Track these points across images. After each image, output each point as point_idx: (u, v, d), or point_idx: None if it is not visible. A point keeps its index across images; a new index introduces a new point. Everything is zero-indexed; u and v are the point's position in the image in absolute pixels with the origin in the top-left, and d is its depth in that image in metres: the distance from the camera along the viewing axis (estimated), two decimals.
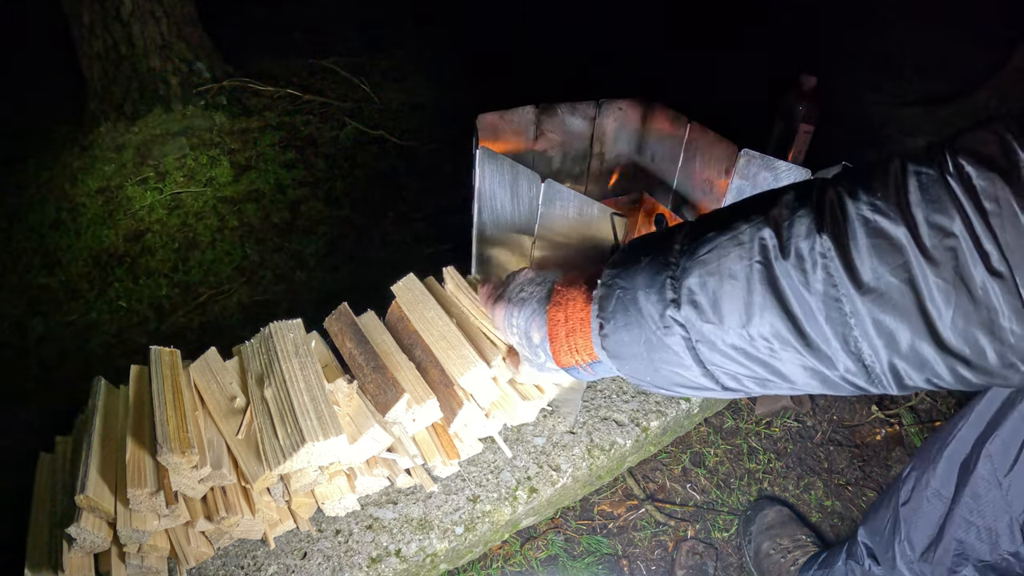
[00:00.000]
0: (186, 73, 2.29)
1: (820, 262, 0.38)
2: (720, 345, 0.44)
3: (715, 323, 0.43)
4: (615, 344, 0.50)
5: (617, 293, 0.50)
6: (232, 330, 1.50)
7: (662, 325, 0.46)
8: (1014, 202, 0.33)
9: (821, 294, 0.38)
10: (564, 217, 0.92)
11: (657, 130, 1.26)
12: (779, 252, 0.40)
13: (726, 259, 0.43)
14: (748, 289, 0.41)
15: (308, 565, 0.88)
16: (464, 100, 2.63)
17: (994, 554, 0.72)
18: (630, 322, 0.48)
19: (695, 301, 0.44)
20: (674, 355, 0.47)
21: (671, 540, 1.18)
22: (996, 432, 0.70)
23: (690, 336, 0.45)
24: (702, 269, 0.44)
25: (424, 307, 1.04)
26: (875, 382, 0.40)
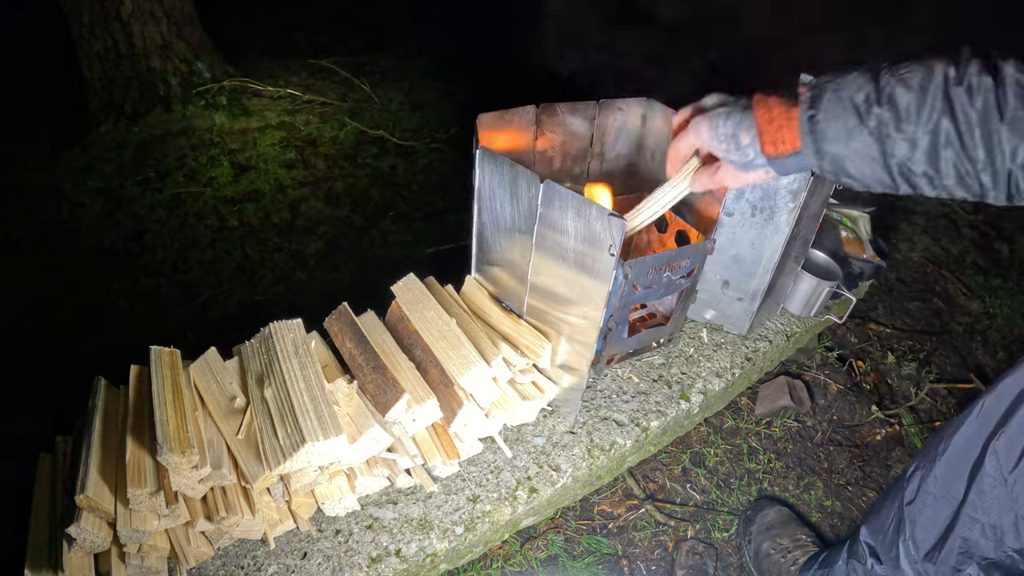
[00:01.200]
0: (186, 73, 2.29)
1: (982, 92, 0.58)
2: (903, 138, 0.62)
3: (904, 119, 0.61)
4: (822, 130, 0.66)
5: (830, 89, 0.66)
6: (232, 330, 1.50)
7: (865, 117, 0.63)
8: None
9: (979, 111, 0.58)
10: (563, 217, 0.92)
11: (657, 130, 1.26)
12: (956, 81, 0.59)
13: (920, 76, 0.61)
14: (932, 98, 0.60)
15: (308, 565, 0.88)
16: (464, 100, 2.63)
17: (999, 551, 0.72)
18: (838, 113, 0.65)
19: (894, 102, 0.62)
20: (867, 140, 0.64)
21: (671, 540, 1.18)
22: (1003, 430, 0.70)
23: (880, 128, 0.62)
24: (902, 80, 0.62)
25: (424, 307, 1.05)
26: (997, 184, 0.60)
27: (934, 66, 0.61)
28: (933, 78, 0.60)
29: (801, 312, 1.37)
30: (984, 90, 0.58)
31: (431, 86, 2.72)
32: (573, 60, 2.79)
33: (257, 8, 3.19)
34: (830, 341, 1.62)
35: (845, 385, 1.50)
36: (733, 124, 0.76)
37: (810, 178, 1.04)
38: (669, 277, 1.05)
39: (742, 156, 0.76)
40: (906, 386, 1.54)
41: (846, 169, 0.67)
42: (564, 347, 1.04)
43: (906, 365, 1.59)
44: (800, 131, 0.69)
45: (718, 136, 0.77)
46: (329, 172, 2.11)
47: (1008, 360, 1.69)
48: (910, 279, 1.94)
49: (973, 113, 0.58)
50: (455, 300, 1.15)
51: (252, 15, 3.12)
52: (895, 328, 1.73)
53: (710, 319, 1.32)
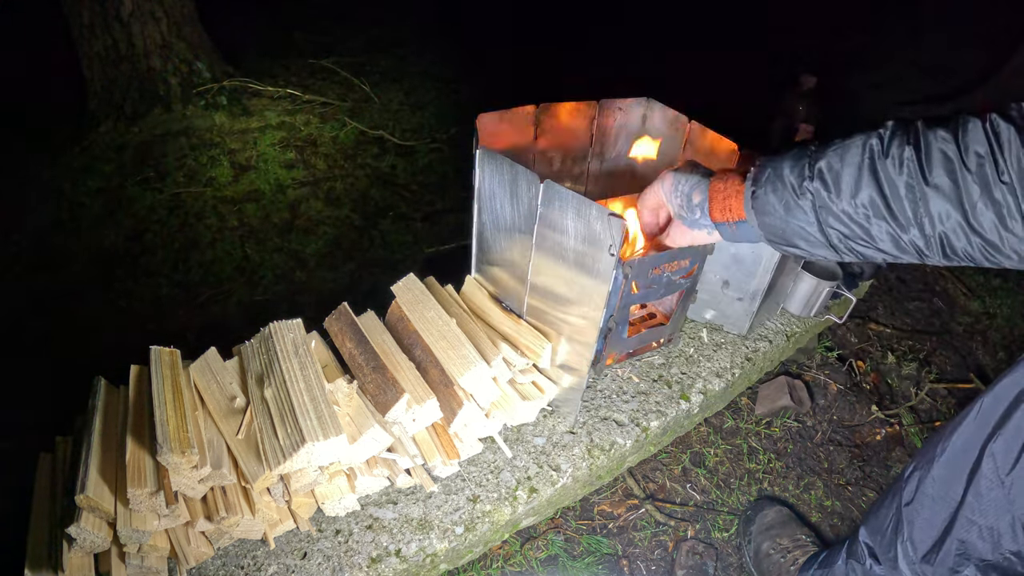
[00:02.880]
0: (186, 73, 2.29)
1: (906, 162, 0.61)
2: (835, 210, 0.66)
3: (834, 193, 0.65)
4: (762, 204, 0.72)
5: (769, 169, 0.72)
6: (232, 330, 1.50)
7: (799, 192, 0.68)
8: (1019, 140, 0.56)
9: (904, 181, 0.61)
10: (563, 217, 0.92)
11: (657, 130, 1.26)
12: (881, 152, 0.63)
13: (847, 153, 0.65)
14: (859, 172, 0.64)
15: (308, 565, 0.88)
16: (464, 100, 2.63)
17: (996, 553, 0.72)
18: (776, 188, 0.71)
19: (823, 177, 0.66)
20: (803, 214, 0.69)
21: (671, 540, 1.18)
22: (1000, 431, 0.70)
23: (814, 201, 0.67)
24: (830, 157, 0.66)
25: (424, 307, 1.05)
26: (930, 247, 0.63)
27: (860, 141, 0.65)
28: (860, 152, 0.64)
29: (801, 312, 1.37)
30: (908, 160, 0.61)
31: (431, 86, 2.72)
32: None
33: (257, 8, 3.18)
34: (830, 341, 1.62)
35: (845, 385, 1.50)
36: (690, 185, 0.83)
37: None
38: (669, 277, 1.05)
39: (691, 214, 0.83)
40: (906, 386, 1.54)
41: (789, 239, 0.73)
42: (564, 347, 1.04)
43: (906, 365, 1.59)
44: (744, 204, 0.75)
45: (676, 191, 0.85)
46: (329, 172, 2.11)
47: (1008, 360, 1.69)
48: (910, 279, 1.94)
49: (899, 183, 0.61)
50: (455, 300, 1.15)
51: (252, 15, 3.12)
52: (895, 328, 1.73)
53: (710, 319, 1.32)
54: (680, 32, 3.01)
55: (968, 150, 0.58)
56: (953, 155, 0.59)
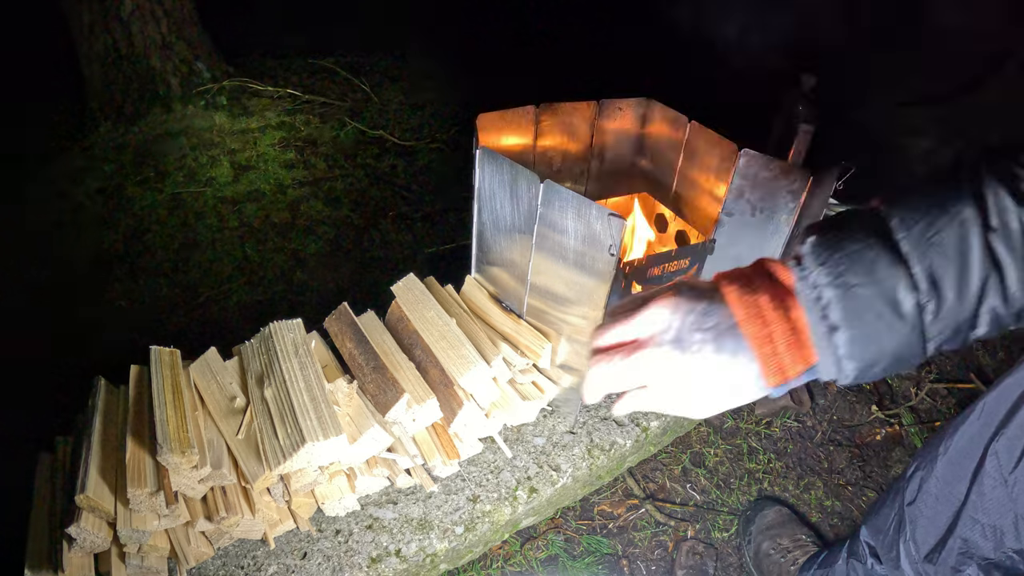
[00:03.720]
0: (186, 73, 2.29)
1: (1019, 228, 0.46)
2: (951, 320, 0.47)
3: (953, 301, 0.47)
4: (846, 341, 0.49)
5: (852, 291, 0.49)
6: (232, 330, 1.50)
7: (900, 312, 0.48)
8: None
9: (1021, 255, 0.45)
10: (563, 217, 0.93)
11: (657, 130, 1.26)
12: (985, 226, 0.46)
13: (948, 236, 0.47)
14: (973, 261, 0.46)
15: (308, 565, 0.88)
16: (464, 100, 2.63)
17: (998, 552, 0.72)
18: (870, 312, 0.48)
19: (939, 288, 0.47)
20: (900, 339, 0.48)
21: (671, 540, 1.18)
22: (1003, 430, 0.70)
23: (923, 317, 0.47)
24: (935, 251, 0.47)
25: (424, 307, 1.05)
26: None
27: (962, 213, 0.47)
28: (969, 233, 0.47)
29: None
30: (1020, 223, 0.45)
31: (431, 86, 2.72)
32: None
33: (257, 8, 3.18)
34: None
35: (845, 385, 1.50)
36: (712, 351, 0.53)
37: (808, 178, 1.04)
38: (669, 277, 1.05)
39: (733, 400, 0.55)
40: (906, 386, 1.54)
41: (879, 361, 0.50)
42: (564, 347, 1.04)
43: None
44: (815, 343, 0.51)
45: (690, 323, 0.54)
46: (329, 172, 2.11)
47: (1008, 360, 1.69)
48: None
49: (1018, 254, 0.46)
50: (455, 300, 1.15)
51: (252, 15, 3.12)
52: None
53: None
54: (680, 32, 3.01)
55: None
56: None
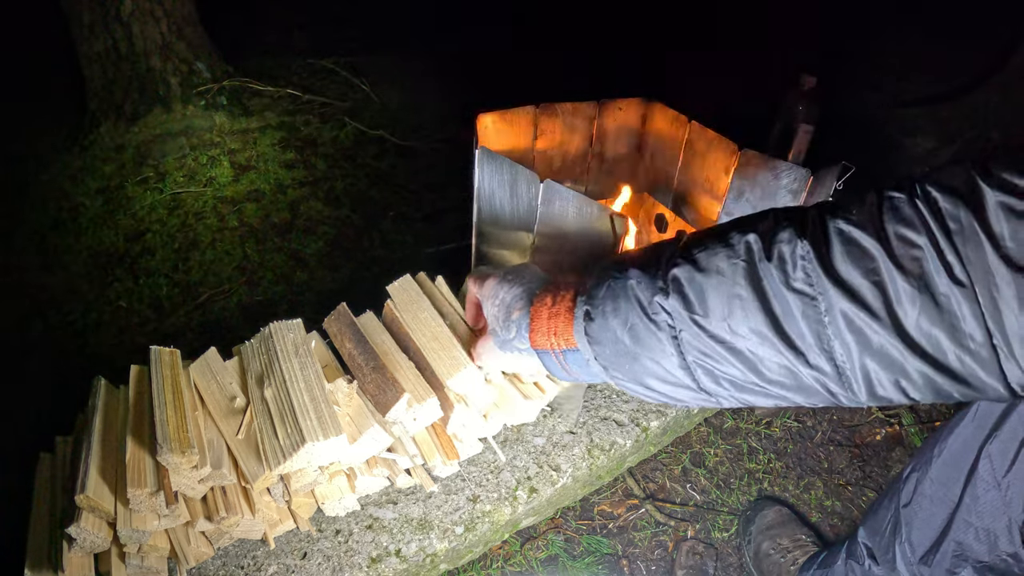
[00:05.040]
0: (186, 73, 2.29)
1: (800, 263, 0.43)
2: (703, 336, 0.46)
3: (700, 314, 0.46)
4: (599, 329, 0.52)
5: (608, 282, 0.53)
6: (232, 330, 1.50)
7: (650, 312, 0.49)
8: (975, 223, 0.38)
9: (799, 292, 0.42)
10: (563, 217, 0.93)
11: (657, 130, 1.26)
12: (763, 254, 0.45)
13: (714, 257, 0.47)
14: (732, 284, 0.45)
15: (308, 565, 0.88)
16: (464, 100, 2.62)
17: (992, 555, 0.72)
18: (618, 308, 0.51)
19: (683, 292, 0.47)
20: (657, 343, 0.49)
21: (671, 540, 1.18)
22: (996, 433, 0.70)
23: (675, 325, 0.48)
24: (692, 264, 0.48)
25: (418, 308, 1.03)
26: (846, 384, 0.43)
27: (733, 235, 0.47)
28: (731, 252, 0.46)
29: None
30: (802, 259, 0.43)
31: (431, 86, 2.72)
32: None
33: (257, 7, 3.18)
34: None
35: None
36: (513, 295, 0.64)
37: (808, 178, 1.04)
38: None
39: (505, 332, 0.64)
40: None
41: (639, 378, 0.52)
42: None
43: None
44: (575, 327, 0.54)
45: (495, 298, 0.66)
46: (329, 172, 2.11)
47: None
48: None
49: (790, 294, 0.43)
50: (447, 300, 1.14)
51: (252, 14, 3.12)
52: None
53: None
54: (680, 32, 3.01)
55: (894, 237, 0.40)
56: (871, 246, 0.40)
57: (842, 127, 2.24)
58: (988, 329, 0.38)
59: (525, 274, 0.66)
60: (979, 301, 0.37)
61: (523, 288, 0.64)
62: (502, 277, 0.66)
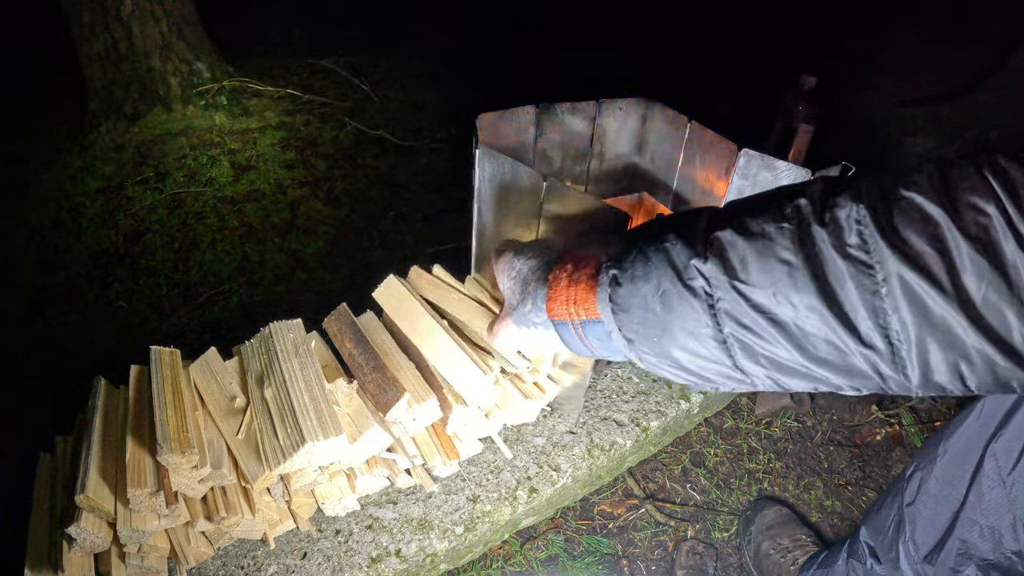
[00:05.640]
0: (186, 73, 2.29)
1: (855, 227, 0.38)
2: (744, 306, 0.42)
3: (742, 280, 0.41)
4: (627, 295, 0.47)
5: (639, 244, 0.48)
6: (232, 330, 1.50)
7: (685, 277, 0.44)
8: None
9: (854, 259, 0.38)
10: (566, 215, 0.92)
11: (657, 130, 1.26)
12: (814, 218, 0.40)
13: (760, 220, 0.42)
14: (781, 248, 0.40)
15: (308, 565, 0.88)
16: (464, 100, 2.62)
17: (997, 553, 0.72)
18: (649, 273, 0.46)
19: (724, 256, 0.42)
20: (691, 312, 0.44)
21: (671, 540, 1.18)
22: (1002, 431, 0.70)
23: (713, 293, 0.43)
24: (734, 227, 0.43)
25: (411, 313, 1.01)
26: (899, 366, 0.39)
27: (779, 195, 0.44)
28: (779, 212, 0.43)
29: None
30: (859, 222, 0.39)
31: (431, 86, 2.72)
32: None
33: (257, 8, 3.18)
34: None
35: None
36: (529, 267, 0.60)
37: (808, 178, 1.04)
38: None
39: (522, 303, 0.60)
40: None
41: (666, 351, 0.47)
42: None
43: None
44: (598, 295, 0.50)
45: (512, 269, 0.62)
46: (329, 172, 2.11)
47: None
48: None
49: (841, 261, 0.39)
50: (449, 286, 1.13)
51: (252, 15, 3.12)
52: None
53: None
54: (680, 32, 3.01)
55: (960, 204, 0.36)
56: (935, 212, 0.37)
57: (842, 127, 2.24)
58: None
59: (543, 246, 0.62)
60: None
61: (540, 259, 0.60)
62: (519, 249, 0.62)
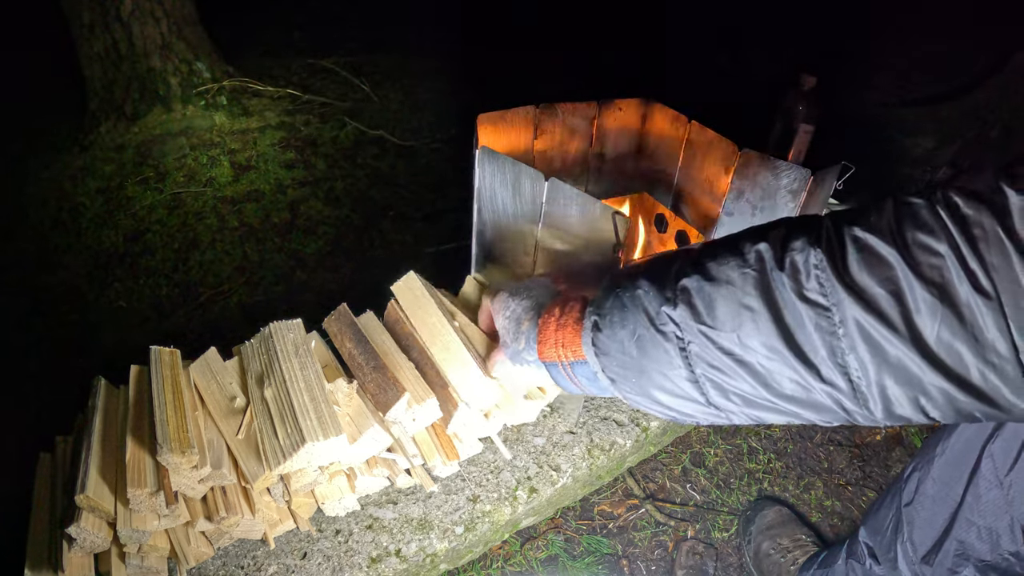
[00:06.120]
0: (186, 73, 2.29)
1: (813, 272, 0.41)
2: (712, 348, 0.45)
3: (708, 325, 0.45)
4: (606, 340, 0.52)
5: (616, 291, 0.52)
6: (232, 330, 1.50)
7: (657, 323, 0.48)
8: (999, 230, 0.35)
9: (812, 303, 0.40)
10: (566, 216, 0.93)
11: (657, 130, 1.26)
12: (775, 263, 0.43)
13: (724, 267, 0.45)
14: (743, 294, 0.43)
15: (308, 565, 0.88)
16: (464, 100, 2.62)
17: (994, 554, 0.72)
18: (626, 319, 0.50)
19: (691, 302, 0.46)
20: (664, 355, 0.48)
21: (671, 540, 1.18)
22: (999, 432, 0.70)
23: (683, 337, 0.46)
24: (700, 273, 0.46)
25: (423, 308, 1.03)
26: (861, 402, 0.40)
27: (744, 243, 0.46)
28: (741, 260, 0.45)
29: None
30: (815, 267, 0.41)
31: (431, 86, 2.72)
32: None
33: (257, 8, 3.18)
34: None
35: None
36: (523, 308, 0.65)
37: (808, 178, 1.04)
38: None
39: (515, 341, 0.65)
40: None
41: (646, 391, 0.51)
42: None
43: None
44: (583, 338, 0.54)
45: (506, 310, 0.67)
46: (329, 172, 2.11)
47: None
48: None
49: (801, 305, 0.41)
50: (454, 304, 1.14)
51: (252, 15, 3.12)
52: None
53: None
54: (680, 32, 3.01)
55: (913, 244, 0.38)
56: (888, 254, 0.38)
57: (842, 127, 2.23)
58: (1014, 343, 0.35)
59: (536, 287, 0.67)
60: (1004, 312, 0.35)
61: (533, 301, 0.65)
62: (513, 291, 0.67)
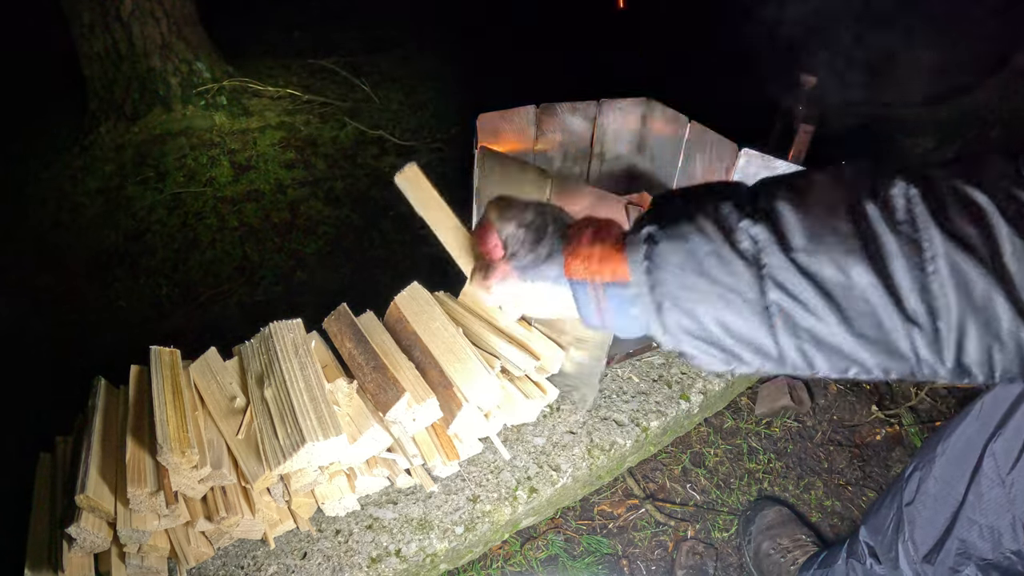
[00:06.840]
0: (186, 73, 2.29)
1: (906, 206, 0.40)
2: (792, 271, 0.41)
3: (793, 247, 0.41)
4: (664, 253, 0.44)
5: (678, 202, 0.46)
6: (232, 330, 1.50)
7: (734, 238, 0.43)
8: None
9: (904, 235, 0.39)
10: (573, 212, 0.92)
11: (657, 130, 1.26)
12: (868, 193, 0.41)
13: (812, 187, 0.43)
14: (833, 217, 0.41)
15: (308, 565, 0.88)
16: (464, 100, 2.62)
17: (996, 552, 0.72)
18: (692, 232, 0.43)
19: (775, 220, 0.42)
20: (735, 276, 0.42)
21: (671, 540, 1.18)
22: (1000, 431, 0.70)
23: (760, 258, 0.42)
24: (791, 192, 0.43)
25: (430, 318, 1.02)
26: (937, 345, 0.39)
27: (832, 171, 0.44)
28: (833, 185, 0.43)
29: None
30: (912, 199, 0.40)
31: (431, 86, 2.72)
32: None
33: (257, 8, 3.18)
34: None
35: (845, 385, 1.50)
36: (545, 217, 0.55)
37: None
38: None
39: (532, 254, 0.53)
40: (906, 386, 1.54)
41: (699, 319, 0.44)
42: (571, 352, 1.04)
43: None
44: (629, 253, 0.46)
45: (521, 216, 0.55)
46: (329, 172, 2.11)
47: None
48: None
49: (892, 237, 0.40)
50: (450, 303, 1.15)
51: (252, 15, 3.12)
52: None
53: None
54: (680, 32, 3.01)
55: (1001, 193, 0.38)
56: (983, 201, 0.38)
57: (842, 127, 2.23)
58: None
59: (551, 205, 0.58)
60: None
61: (554, 211, 0.56)
62: (526, 202, 0.57)
